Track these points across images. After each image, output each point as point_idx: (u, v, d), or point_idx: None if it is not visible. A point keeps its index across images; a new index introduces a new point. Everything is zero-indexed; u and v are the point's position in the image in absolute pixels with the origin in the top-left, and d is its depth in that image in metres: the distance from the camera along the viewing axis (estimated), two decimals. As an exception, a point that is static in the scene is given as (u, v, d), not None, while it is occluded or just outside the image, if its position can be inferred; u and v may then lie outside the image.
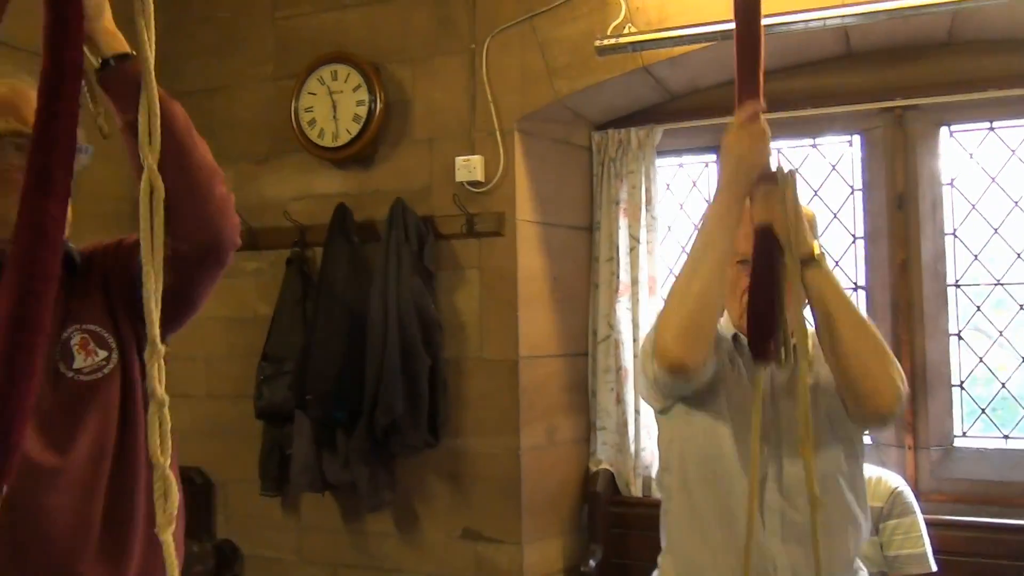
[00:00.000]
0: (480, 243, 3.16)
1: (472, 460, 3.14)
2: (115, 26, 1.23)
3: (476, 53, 3.18)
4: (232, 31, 3.60)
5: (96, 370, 1.29)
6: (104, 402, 1.28)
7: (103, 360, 1.30)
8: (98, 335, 1.31)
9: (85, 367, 1.28)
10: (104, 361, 1.30)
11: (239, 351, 3.48)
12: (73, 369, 1.27)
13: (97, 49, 1.22)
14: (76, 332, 1.30)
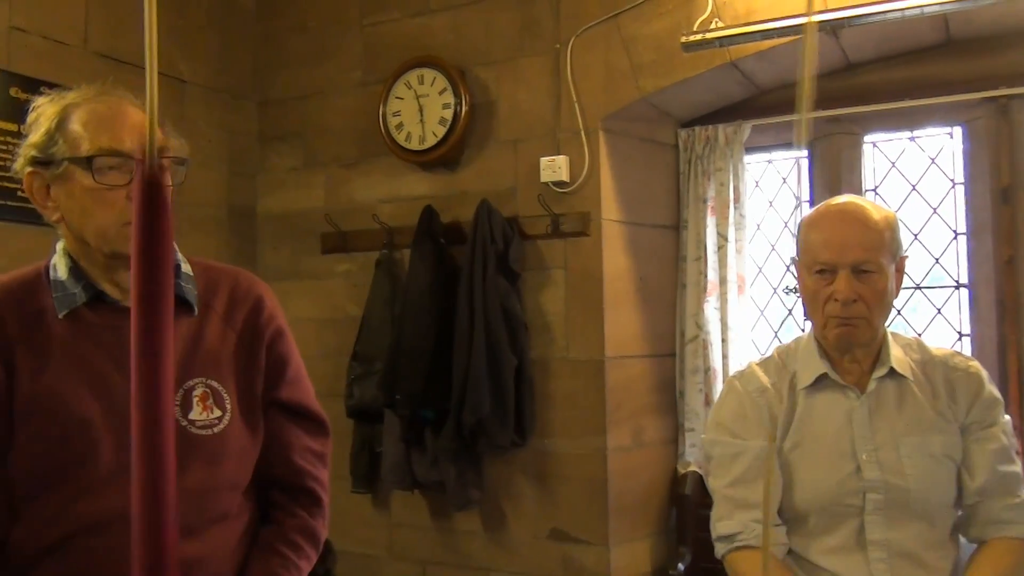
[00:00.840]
0: (565, 243, 3.16)
1: (559, 460, 3.14)
2: None
3: (560, 53, 3.18)
4: (322, 40, 3.69)
5: (208, 426, 1.31)
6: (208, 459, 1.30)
7: (216, 419, 1.32)
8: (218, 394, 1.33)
9: (199, 420, 1.31)
10: (217, 420, 1.32)
11: (331, 351, 3.57)
12: (188, 419, 1.29)
13: None
14: (201, 384, 1.32)
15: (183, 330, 1.33)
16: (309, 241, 3.67)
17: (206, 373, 1.33)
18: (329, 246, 3.62)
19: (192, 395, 1.31)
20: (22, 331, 1.25)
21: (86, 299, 1.28)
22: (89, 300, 1.28)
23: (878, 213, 1.72)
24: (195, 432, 1.30)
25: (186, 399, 1.30)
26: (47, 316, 1.26)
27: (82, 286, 1.28)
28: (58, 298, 1.27)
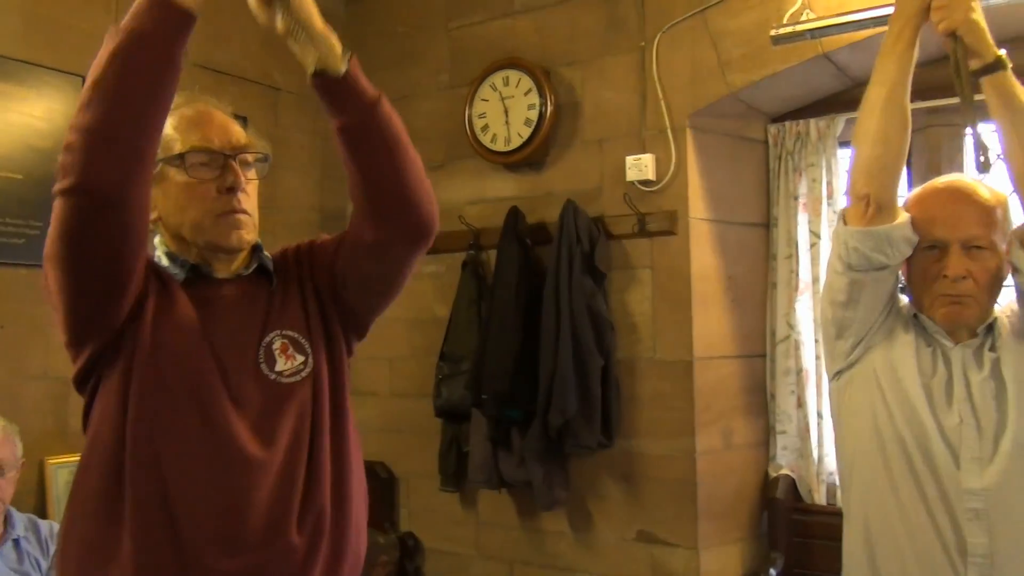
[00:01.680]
0: (652, 242, 3.13)
1: (646, 462, 3.11)
2: (327, 28, 1.34)
3: (646, 51, 3.15)
4: (409, 44, 3.75)
5: (295, 373, 1.38)
6: (301, 402, 1.37)
7: (301, 364, 1.39)
8: (296, 341, 1.41)
9: (285, 370, 1.38)
10: (302, 365, 1.39)
11: (420, 351, 3.63)
12: (275, 372, 1.37)
13: (312, 51, 1.34)
14: (277, 337, 1.40)
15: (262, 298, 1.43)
16: (397, 243, 3.72)
17: (280, 326, 1.41)
18: (418, 247, 3.67)
19: (272, 348, 1.39)
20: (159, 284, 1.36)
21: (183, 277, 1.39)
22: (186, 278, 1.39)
23: (988, 191, 1.66)
24: (285, 381, 1.37)
25: (268, 354, 1.38)
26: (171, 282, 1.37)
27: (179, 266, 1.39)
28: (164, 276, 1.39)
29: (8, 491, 2.31)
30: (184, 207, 1.36)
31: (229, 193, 1.36)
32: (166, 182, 1.37)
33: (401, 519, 3.73)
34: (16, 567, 2.34)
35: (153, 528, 1.25)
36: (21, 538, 2.37)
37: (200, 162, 1.36)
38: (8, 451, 2.30)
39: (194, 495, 1.27)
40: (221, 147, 1.37)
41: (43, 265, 1.27)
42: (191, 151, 1.36)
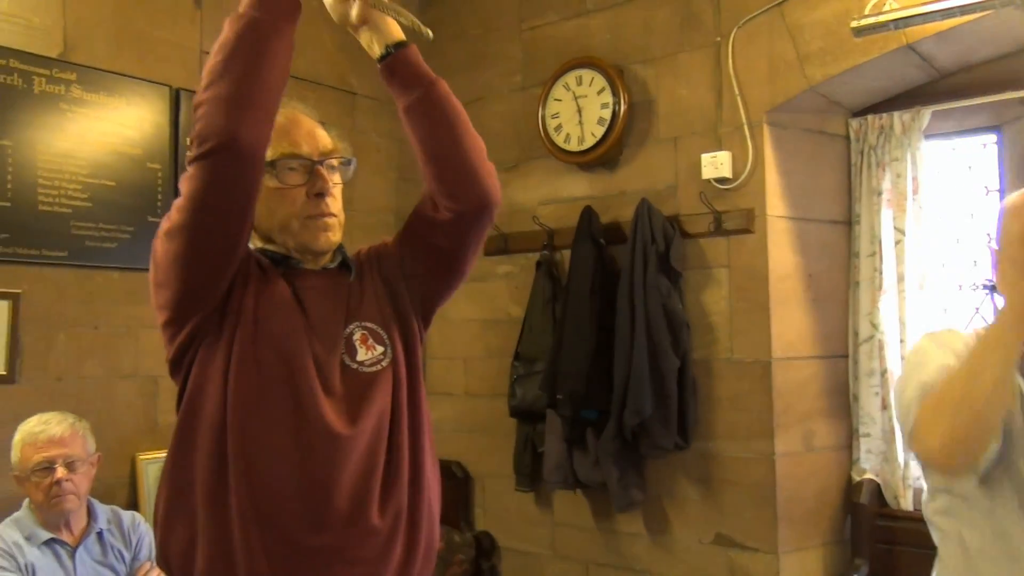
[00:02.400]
0: (729, 241, 3.08)
1: (724, 464, 3.06)
2: None
3: (721, 46, 3.10)
4: (482, 46, 3.78)
5: (375, 363, 1.43)
6: (382, 391, 1.42)
7: (380, 354, 1.44)
8: (375, 332, 1.46)
9: (367, 360, 1.43)
10: (381, 355, 1.44)
11: (494, 351, 3.65)
12: (357, 361, 1.42)
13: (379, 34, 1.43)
14: (357, 329, 1.45)
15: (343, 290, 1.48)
16: (472, 244, 3.75)
17: (359, 318, 1.46)
18: (491, 248, 3.69)
19: (353, 339, 1.44)
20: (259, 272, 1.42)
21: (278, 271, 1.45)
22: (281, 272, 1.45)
23: None
24: (366, 371, 1.42)
25: (349, 345, 1.43)
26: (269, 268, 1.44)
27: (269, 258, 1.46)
28: None
29: (83, 485, 2.39)
30: (274, 211, 1.42)
31: (318, 198, 1.42)
32: None
33: (477, 518, 3.75)
34: (101, 559, 2.42)
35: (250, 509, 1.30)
36: (104, 531, 2.45)
37: (289, 167, 1.41)
38: (79, 447, 2.39)
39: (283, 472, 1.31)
40: (309, 153, 1.42)
41: (155, 248, 1.37)
42: (281, 158, 1.41)
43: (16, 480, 2.37)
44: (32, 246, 2.73)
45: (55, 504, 2.32)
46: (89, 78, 2.88)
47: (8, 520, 2.35)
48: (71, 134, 2.84)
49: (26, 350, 2.72)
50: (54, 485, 2.31)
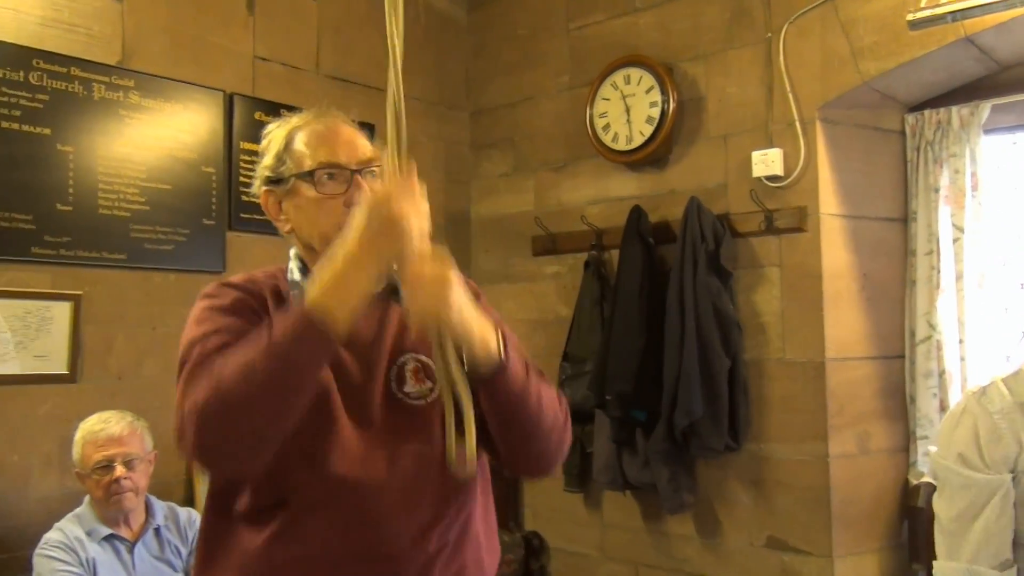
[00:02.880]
0: (780, 240, 3.03)
1: (776, 466, 3.02)
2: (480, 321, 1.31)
3: (772, 42, 3.06)
4: (531, 47, 3.78)
5: (420, 397, 1.40)
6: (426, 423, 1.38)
7: (428, 390, 1.40)
8: (428, 367, 1.42)
9: (413, 392, 1.40)
10: (429, 391, 1.40)
11: (542, 352, 3.64)
12: (403, 391, 1.39)
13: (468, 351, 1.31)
14: (411, 359, 1.42)
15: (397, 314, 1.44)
16: (520, 244, 3.77)
17: (416, 349, 1.42)
18: (539, 248, 3.70)
19: (405, 370, 1.41)
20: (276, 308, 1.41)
21: None
22: None
23: None
24: (410, 403, 1.39)
25: (400, 373, 1.40)
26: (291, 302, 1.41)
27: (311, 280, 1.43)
28: (295, 294, 1.43)
29: (142, 482, 2.45)
30: (314, 221, 1.41)
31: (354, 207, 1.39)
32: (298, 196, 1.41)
33: (525, 518, 3.76)
34: (158, 555, 2.48)
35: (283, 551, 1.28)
36: (162, 527, 2.51)
37: (328, 176, 1.40)
38: (137, 444, 2.45)
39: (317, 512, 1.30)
40: (347, 162, 1.40)
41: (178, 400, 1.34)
42: (319, 167, 1.40)
43: (77, 477, 2.43)
44: (93, 249, 2.81)
45: (114, 501, 2.38)
46: (146, 84, 2.96)
47: (70, 516, 2.42)
48: (129, 139, 2.91)
49: (87, 350, 2.80)
50: (113, 483, 2.37)
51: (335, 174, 1.40)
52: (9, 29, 2.67)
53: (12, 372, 2.63)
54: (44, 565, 2.29)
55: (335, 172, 1.40)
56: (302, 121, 1.45)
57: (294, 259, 1.47)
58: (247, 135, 3.18)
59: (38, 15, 2.74)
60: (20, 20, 2.70)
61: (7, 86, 2.64)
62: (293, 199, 1.42)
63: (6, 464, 2.62)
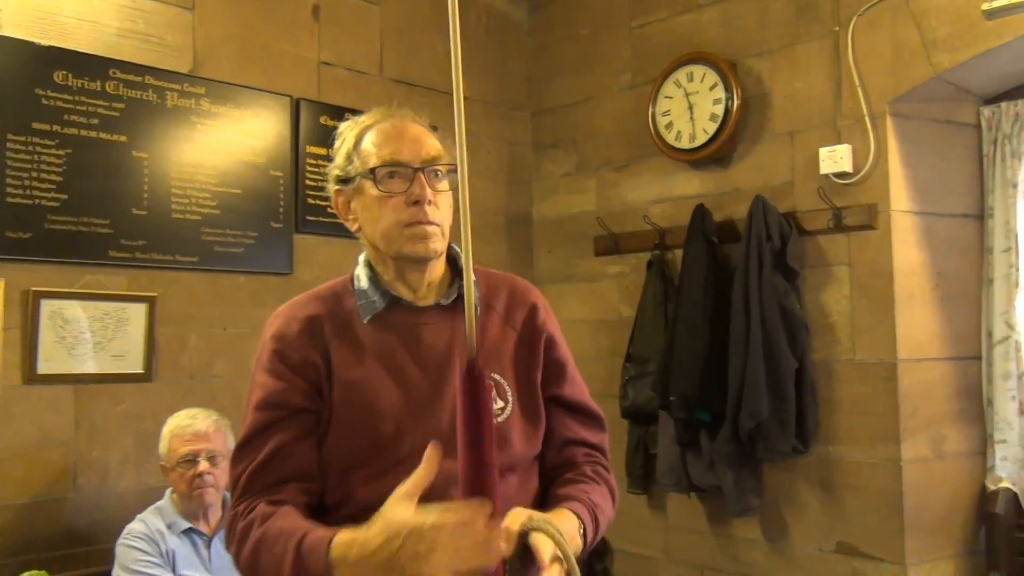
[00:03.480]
0: (849, 238, 2.96)
1: (846, 469, 2.95)
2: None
3: (840, 35, 2.99)
4: (592, 46, 3.77)
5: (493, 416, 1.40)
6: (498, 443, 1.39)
7: (499, 410, 1.40)
8: (500, 386, 1.42)
9: None
10: (500, 411, 1.40)
11: (604, 352, 3.63)
12: None
13: None
14: None
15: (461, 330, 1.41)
16: (582, 244, 3.76)
17: (490, 367, 1.42)
18: (601, 248, 3.68)
19: None
20: (336, 332, 1.42)
21: (384, 305, 1.43)
22: (387, 305, 1.44)
23: None
24: None
25: None
26: (355, 319, 1.43)
27: (380, 293, 1.44)
28: (362, 305, 1.44)
29: (222, 479, 2.52)
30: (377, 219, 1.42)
31: (415, 205, 1.40)
32: (364, 195, 1.43)
33: (589, 519, 3.74)
34: None
35: None
36: None
37: (389, 175, 1.41)
38: (221, 442, 2.53)
39: None
40: (410, 160, 1.41)
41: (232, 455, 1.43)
42: (382, 165, 1.41)
43: (162, 469, 2.53)
44: (166, 252, 2.90)
45: (196, 495, 2.46)
46: (217, 91, 3.04)
47: (151, 508, 2.50)
48: (200, 145, 3.00)
49: (161, 350, 2.89)
50: (196, 477, 2.45)
51: (398, 172, 1.40)
52: (87, 40, 2.77)
53: (92, 371, 2.73)
54: (127, 555, 2.38)
55: (398, 170, 1.40)
56: (372, 120, 1.46)
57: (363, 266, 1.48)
58: (313, 139, 3.25)
59: (115, 26, 2.83)
60: (98, 32, 2.80)
61: (86, 95, 2.75)
62: (360, 198, 1.43)
63: (86, 460, 2.73)
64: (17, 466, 2.59)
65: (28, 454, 2.61)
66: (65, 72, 2.71)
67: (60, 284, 2.67)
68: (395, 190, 1.40)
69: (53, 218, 2.66)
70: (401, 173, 1.40)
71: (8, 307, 2.57)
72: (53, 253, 2.66)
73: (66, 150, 2.70)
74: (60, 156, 2.69)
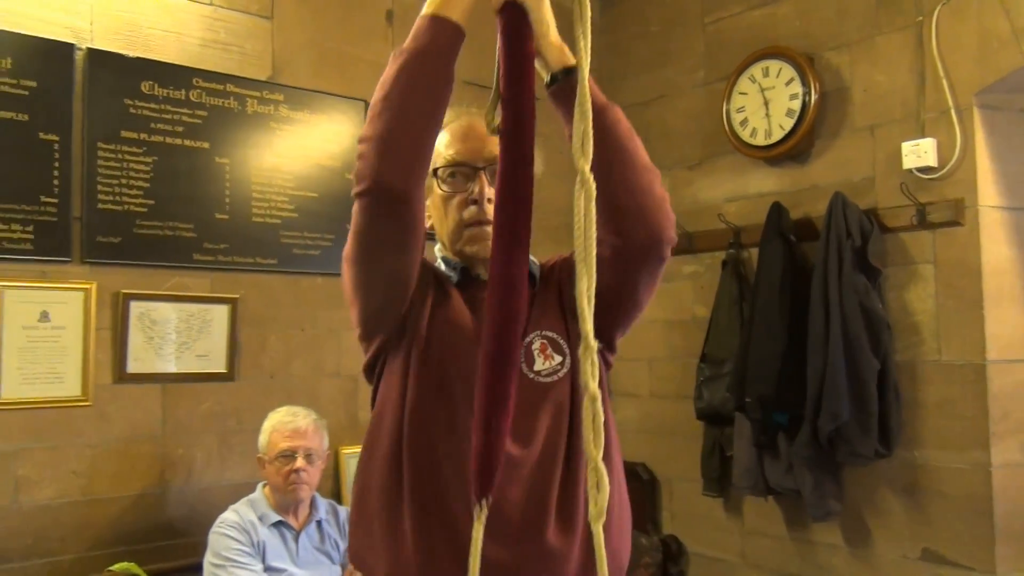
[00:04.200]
0: (934, 235, 2.87)
1: (931, 474, 2.85)
2: (561, 40, 1.36)
3: (923, 25, 2.89)
4: (664, 43, 3.74)
5: (552, 373, 1.41)
6: (558, 402, 1.39)
7: (558, 364, 1.41)
8: (555, 341, 1.43)
9: (544, 370, 1.40)
10: (559, 365, 1.41)
11: (679, 352, 3.59)
12: (534, 371, 1.40)
13: (546, 64, 1.37)
14: (537, 337, 1.43)
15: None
16: (655, 244, 3.71)
17: (540, 327, 1.43)
18: (675, 248, 3.60)
19: (532, 348, 1.42)
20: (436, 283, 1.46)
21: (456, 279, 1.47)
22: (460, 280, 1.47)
23: None
24: (543, 381, 1.40)
25: (528, 354, 1.41)
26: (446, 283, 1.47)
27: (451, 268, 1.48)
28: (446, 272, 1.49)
29: (315, 477, 2.60)
30: (443, 217, 1.45)
31: (474, 204, 1.41)
32: (432, 194, 1.46)
33: (663, 522, 3.71)
34: (319, 546, 2.62)
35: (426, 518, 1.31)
36: (324, 520, 2.66)
37: (451, 175, 1.44)
38: (318, 442, 2.60)
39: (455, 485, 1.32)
40: (473, 159, 1.43)
41: (343, 266, 1.41)
42: (445, 165, 1.44)
43: (258, 462, 2.61)
44: (247, 255, 2.98)
45: (291, 490, 2.54)
46: (294, 97, 3.11)
47: (244, 500, 2.59)
48: (278, 150, 3.07)
49: (243, 350, 2.97)
50: (292, 473, 2.53)
51: (460, 171, 1.43)
52: (172, 51, 2.87)
53: (177, 371, 2.83)
54: (219, 542, 2.46)
55: (459, 169, 1.43)
56: (449, 119, 1.48)
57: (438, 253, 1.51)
58: (388, 142, 3.29)
59: (198, 37, 2.93)
60: (182, 42, 2.90)
61: (171, 104, 2.85)
62: (431, 196, 1.46)
63: (172, 457, 2.82)
64: (109, 462, 2.70)
65: (119, 450, 2.72)
66: (152, 82, 2.81)
67: (148, 286, 2.78)
68: (457, 189, 1.42)
69: (141, 223, 2.77)
70: (463, 172, 1.42)
71: (100, 309, 2.68)
72: (141, 257, 2.76)
73: (153, 157, 2.80)
74: (147, 163, 2.79)
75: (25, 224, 2.56)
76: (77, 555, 2.62)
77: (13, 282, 2.54)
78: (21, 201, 2.56)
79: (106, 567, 2.58)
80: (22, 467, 2.56)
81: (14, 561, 2.53)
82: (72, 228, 2.65)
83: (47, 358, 2.59)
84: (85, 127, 2.68)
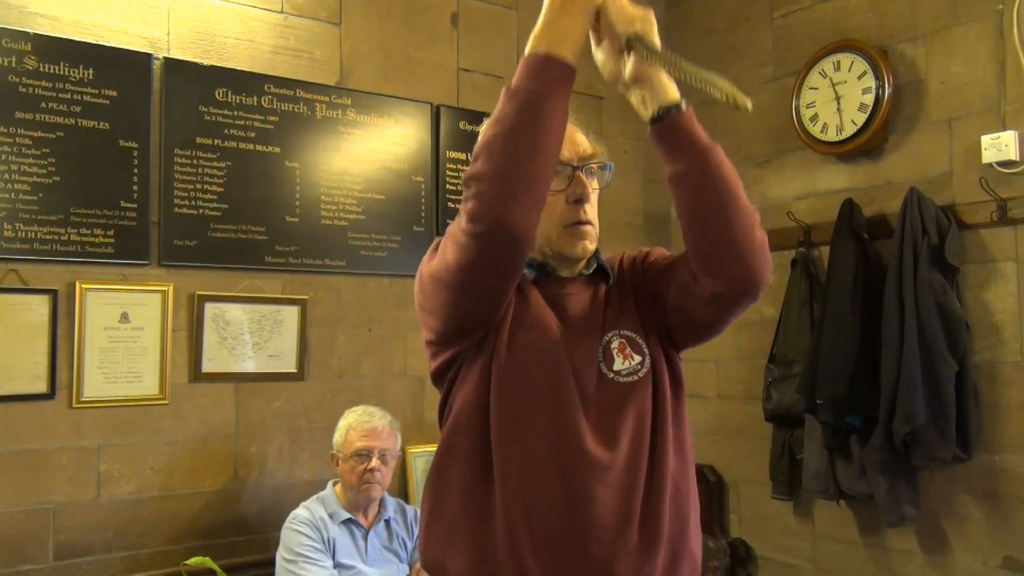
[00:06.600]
0: (1016, 231, 2.76)
1: (1014, 480, 2.75)
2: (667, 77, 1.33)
3: (1004, 14, 2.79)
4: (731, 39, 3.68)
5: (632, 372, 1.39)
6: (639, 402, 1.38)
7: (638, 364, 1.40)
8: (634, 341, 1.42)
9: (623, 370, 1.39)
10: (639, 365, 1.40)
11: (747, 353, 3.53)
12: (613, 371, 1.39)
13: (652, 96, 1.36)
14: (615, 337, 1.41)
15: (600, 297, 1.45)
16: (722, 243, 3.66)
17: (618, 326, 1.42)
18: (743, 247, 3.58)
19: (611, 348, 1.40)
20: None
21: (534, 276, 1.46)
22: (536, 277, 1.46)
23: None
24: (623, 381, 1.38)
25: (607, 353, 1.40)
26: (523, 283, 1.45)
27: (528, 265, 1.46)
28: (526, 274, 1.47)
29: (388, 477, 2.64)
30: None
31: (576, 204, 1.40)
32: None
33: (731, 525, 3.65)
34: (387, 544, 2.66)
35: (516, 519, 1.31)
36: (392, 519, 2.69)
37: None
38: (392, 442, 2.64)
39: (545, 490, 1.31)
40: (569, 159, 1.41)
41: (422, 279, 1.40)
42: None
43: (332, 458, 2.66)
44: (317, 256, 3.04)
45: (363, 489, 2.58)
46: (362, 101, 3.16)
47: (315, 497, 2.64)
48: (347, 153, 3.13)
49: (312, 350, 3.03)
50: (367, 472, 2.57)
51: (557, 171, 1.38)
52: (244, 59, 2.95)
53: (250, 370, 2.90)
54: (292, 538, 2.52)
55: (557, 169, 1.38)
56: None
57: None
58: (453, 144, 3.32)
59: (270, 44, 3.00)
60: (254, 50, 2.97)
61: (243, 110, 2.92)
62: None
63: (245, 455, 2.90)
64: (185, 459, 2.79)
65: (194, 447, 2.80)
66: (225, 89, 2.89)
67: (222, 288, 2.85)
68: (555, 189, 1.38)
69: (215, 226, 2.85)
70: (560, 172, 1.38)
71: (176, 310, 2.77)
72: (216, 259, 2.84)
73: (226, 162, 2.88)
74: (221, 168, 2.87)
75: (107, 229, 2.66)
76: (155, 549, 2.71)
77: (95, 285, 2.64)
78: (103, 206, 2.66)
79: (182, 561, 2.66)
80: (104, 463, 2.66)
81: (96, 554, 2.62)
82: (151, 232, 2.74)
83: (127, 358, 2.69)
84: (162, 134, 2.77)
